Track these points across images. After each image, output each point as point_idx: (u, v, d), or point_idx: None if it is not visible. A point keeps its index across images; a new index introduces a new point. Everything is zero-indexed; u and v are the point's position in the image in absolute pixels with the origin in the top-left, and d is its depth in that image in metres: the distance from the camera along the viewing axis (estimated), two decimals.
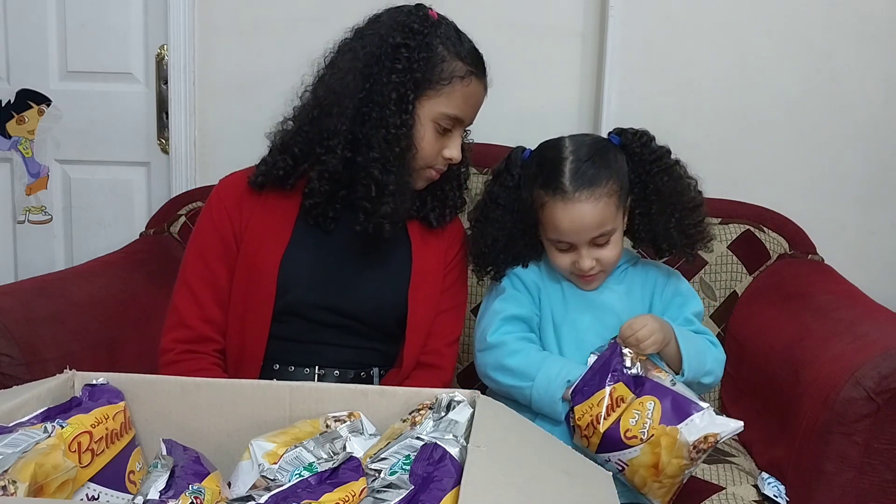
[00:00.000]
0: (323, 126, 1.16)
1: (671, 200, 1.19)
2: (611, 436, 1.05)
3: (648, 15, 1.77)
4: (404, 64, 1.14)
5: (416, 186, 1.23)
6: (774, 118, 1.80)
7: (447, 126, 1.19)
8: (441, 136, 1.19)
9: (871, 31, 1.76)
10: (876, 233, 1.84)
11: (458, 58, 1.17)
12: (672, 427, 1.02)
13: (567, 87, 1.82)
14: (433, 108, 1.17)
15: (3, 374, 1.18)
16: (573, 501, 0.75)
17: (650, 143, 1.22)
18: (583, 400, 1.08)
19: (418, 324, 1.24)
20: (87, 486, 0.77)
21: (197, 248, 1.24)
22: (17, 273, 2.03)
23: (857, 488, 1.12)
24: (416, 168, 1.20)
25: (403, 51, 1.14)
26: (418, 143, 1.17)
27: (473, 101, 1.21)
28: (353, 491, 0.69)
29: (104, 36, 1.91)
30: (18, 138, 1.98)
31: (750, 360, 1.46)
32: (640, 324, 1.12)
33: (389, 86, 1.13)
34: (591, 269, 1.17)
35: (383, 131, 1.13)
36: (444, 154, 1.21)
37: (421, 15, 1.19)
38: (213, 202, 1.25)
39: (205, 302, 1.21)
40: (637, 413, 1.05)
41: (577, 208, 1.14)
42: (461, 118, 1.20)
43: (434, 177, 1.23)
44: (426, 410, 0.84)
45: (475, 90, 1.20)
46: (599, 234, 1.15)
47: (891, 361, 1.10)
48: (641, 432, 1.04)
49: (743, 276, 1.62)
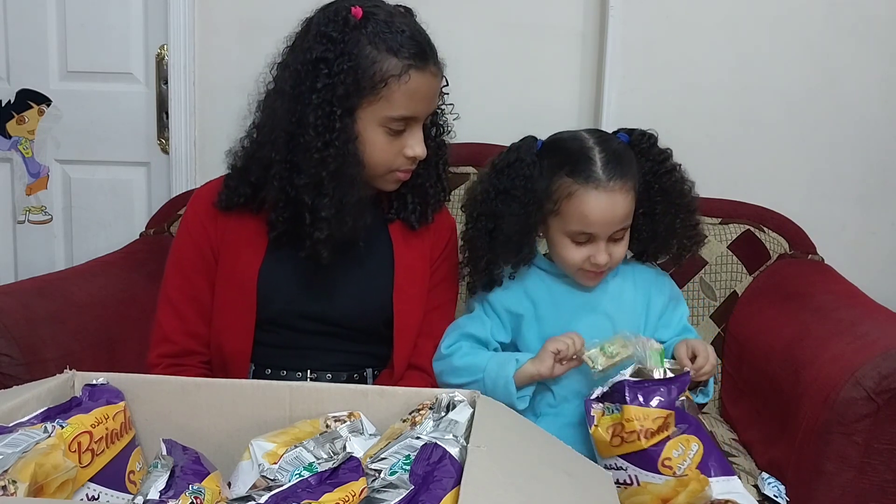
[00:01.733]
0: (261, 155, 1.12)
1: (675, 201, 1.19)
2: (650, 455, 1.02)
3: (648, 15, 1.77)
4: (324, 81, 1.06)
5: (387, 188, 1.19)
6: (774, 118, 1.80)
7: (398, 128, 1.11)
8: (396, 138, 1.12)
9: (871, 31, 1.76)
10: (876, 233, 1.84)
11: (391, 54, 1.07)
12: (704, 477, 1.02)
13: (567, 87, 1.82)
14: (376, 114, 1.09)
15: (3, 374, 1.18)
16: (573, 501, 0.75)
17: (656, 141, 1.21)
18: (639, 404, 1.04)
19: (406, 325, 1.22)
20: (87, 486, 0.77)
21: (177, 262, 1.23)
22: (17, 273, 2.03)
23: (857, 488, 1.12)
24: (376, 175, 1.14)
25: (322, 66, 1.07)
26: (367, 155, 1.11)
27: (421, 95, 1.11)
28: (353, 491, 0.69)
29: (104, 36, 1.92)
30: (18, 138, 1.98)
31: (750, 360, 1.46)
32: (712, 359, 1.13)
33: (310, 107, 1.07)
34: (606, 263, 1.15)
35: (310, 155, 1.07)
36: (406, 154, 1.13)
37: (340, 19, 1.08)
38: (189, 216, 1.24)
39: (187, 316, 1.20)
40: (681, 447, 1.03)
41: (611, 198, 1.11)
42: (410, 116, 1.11)
43: (403, 178, 1.17)
44: (426, 410, 0.84)
45: (419, 83, 1.09)
46: (622, 226, 1.14)
47: (891, 361, 1.10)
48: (679, 467, 1.02)
49: (743, 276, 1.62)
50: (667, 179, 1.19)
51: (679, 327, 1.26)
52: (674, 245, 1.22)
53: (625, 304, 1.22)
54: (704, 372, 1.12)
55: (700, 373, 1.12)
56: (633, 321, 1.21)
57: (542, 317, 1.21)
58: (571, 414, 1.16)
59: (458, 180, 1.71)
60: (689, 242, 1.22)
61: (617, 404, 1.05)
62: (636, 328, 1.21)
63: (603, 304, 1.21)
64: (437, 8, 1.23)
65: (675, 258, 1.26)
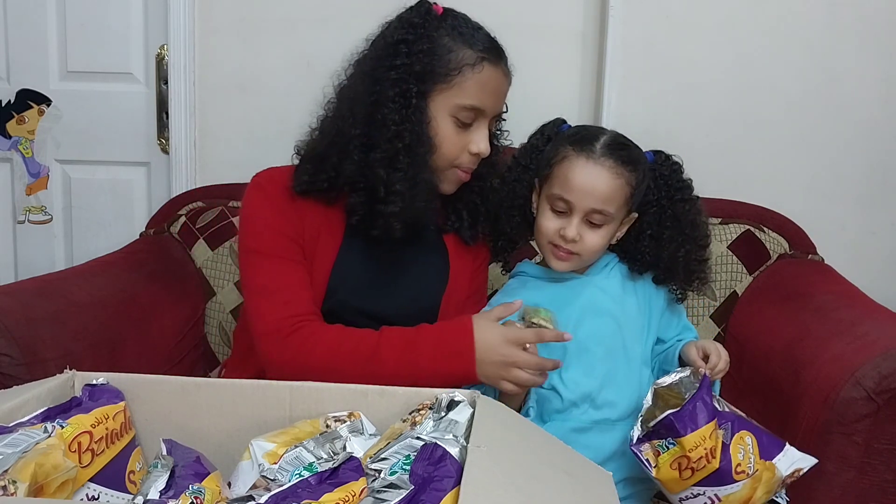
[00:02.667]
0: (341, 134, 1.15)
1: (685, 231, 1.20)
2: (724, 470, 1.02)
3: (648, 15, 1.77)
4: (403, 59, 1.12)
5: (445, 190, 1.20)
6: (774, 118, 1.80)
7: (467, 119, 1.15)
8: (463, 131, 1.16)
9: (871, 31, 1.76)
10: (876, 233, 1.84)
11: (466, 46, 1.14)
12: (770, 462, 1.03)
13: (567, 87, 1.82)
14: (447, 101, 1.14)
15: (3, 374, 1.18)
16: (573, 501, 0.75)
17: (680, 170, 1.23)
18: (693, 429, 1.02)
19: None
20: (87, 486, 0.77)
21: (259, 251, 1.16)
22: (17, 273, 2.03)
23: (857, 488, 1.12)
24: (440, 168, 1.17)
25: (402, 46, 1.13)
26: (437, 139, 1.14)
27: (491, 88, 1.16)
28: (353, 491, 0.69)
29: (104, 36, 1.92)
30: (18, 138, 1.98)
31: (750, 360, 1.46)
32: (724, 356, 1.13)
33: (388, 83, 1.12)
34: (573, 239, 1.15)
35: (387, 129, 1.12)
36: (471, 149, 1.17)
37: (422, 10, 1.17)
38: (258, 202, 1.19)
39: (291, 300, 1.14)
40: (741, 448, 1.03)
41: (596, 170, 1.13)
42: (479, 108, 1.15)
43: (463, 178, 1.20)
44: (426, 410, 0.84)
45: (490, 76, 1.15)
46: (601, 209, 1.14)
47: (891, 361, 1.10)
48: (749, 467, 1.03)
49: (743, 276, 1.62)
50: (680, 208, 1.20)
51: (679, 327, 1.28)
52: (678, 276, 1.22)
53: (628, 307, 1.22)
54: (720, 370, 1.13)
55: (716, 371, 1.12)
56: (638, 322, 1.22)
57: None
58: (578, 419, 1.16)
59: None
60: (689, 276, 1.22)
61: (669, 439, 1.04)
62: (640, 329, 1.22)
63: (606, 306, 1.21)
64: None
65: (679, 293, 1.25)
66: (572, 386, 1.17)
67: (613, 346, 1.19)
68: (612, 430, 1.17)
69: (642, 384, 1.19)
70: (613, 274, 1.24)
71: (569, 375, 1.17)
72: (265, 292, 1.14)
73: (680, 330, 1.28)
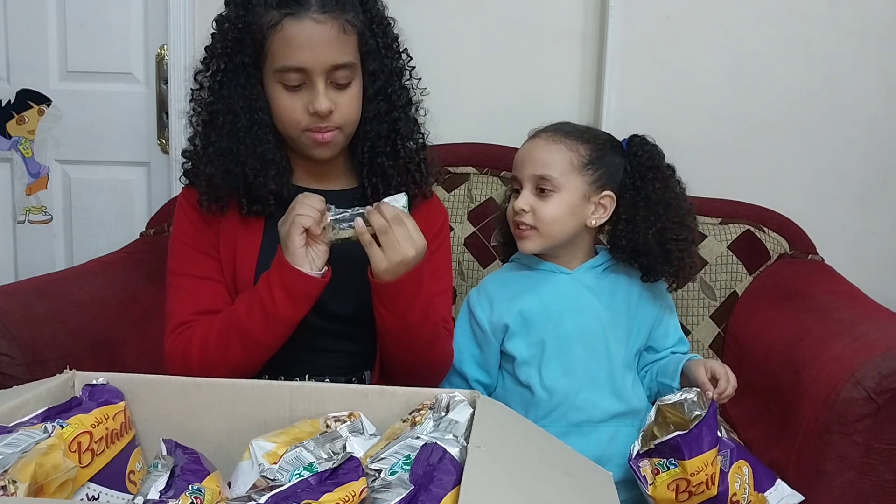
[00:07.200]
0: (200, 136, 1.18)
1: (657, 209, 1.17)
2: (720, 497, 1.02)
3: (648, 15, 1.77)
4: (230, 38, 1.14)
5: (317, 155, 1.17)
6: (774, 118, 1.80)
7: (294, 81, 1.11)
8: (295, 93, 1.12)
9: (871, 31, 1.77)
10: (876, 233, 1.84)
11: (269, 8, 1.10)
12: (762, 495, 1.04)
13: (567, 87, 1.82)
14: (269, 70, 1.12)
15: (3, 374, 1.18)
16: (573, 501, 0.75)
17: (655, 152, 1.21)
18: (698, 454, 1.02)
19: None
20: (87, 486, 0.77)
21: (176, 272, 1.20)
22: (17, 273, 2.03)
23: (857, 488, 1.12)
24: (292, 136, 1.15)
25: (225, 24, 1.14)
26: (274, 108, 1.14)
27: (300, 43, 1.09)
28: (353, 491, 0.69)
29: (104, 36, 1.92)
30: (18, 138, 1.98)
31: (750, 360, 1.46)
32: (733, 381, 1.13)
33: (219, 74, 1.15)
34: (522, 209, 1.15)
35: (229, 114, 1.14)
36: (308, 109, 1.11)
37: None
38: (179, 217, 1.22)
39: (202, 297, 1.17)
40: (738, 477, 1.04)
41: (531, 142, 1.21)
42: (295, 66, 1.09)
43: (320, 138, 1.14)
44: (426, 410, 0.84)
45: (297, 31, 1.08)
46: (541, 173, 1.15)
47: (891, 361, 1.10)
48: (743, 497, 1.03)
49: (743, 276, 1.62)
50: (652, 186, 1.18)
51: (675, 338, 1.26)
52: (656, 257, 1.17)
53: (616, 309, 1.20)
54: (727, 395, 1.12)
55: (723, 396, 1.12)
56: (624, 325, 1.21)
57: (531, 322, 1.19)
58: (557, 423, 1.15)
59: (458, 180, 1.72)
60: (667, 257, 1.18)
61: (671, 459, 1.03)
62: (625, 329, 1.20)
63: (592, 306, 1.19)
64: (438, 8, 1.23)
65: (672, 283, 1.23)
66: (550, 384, 1.16)
67: (595, 346, 1.18)
68: (594, 432, 1.16)
69: (625, 388, 1.19)
70: (605, 274, 1.22)
71: (547, 373, 1.17)
72: (171, 317, 1.16)
73: (675, 342, 1.26)
